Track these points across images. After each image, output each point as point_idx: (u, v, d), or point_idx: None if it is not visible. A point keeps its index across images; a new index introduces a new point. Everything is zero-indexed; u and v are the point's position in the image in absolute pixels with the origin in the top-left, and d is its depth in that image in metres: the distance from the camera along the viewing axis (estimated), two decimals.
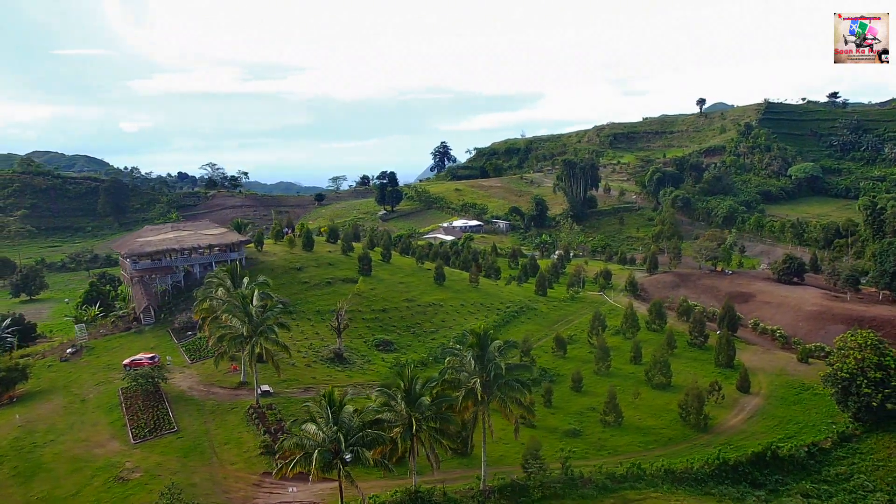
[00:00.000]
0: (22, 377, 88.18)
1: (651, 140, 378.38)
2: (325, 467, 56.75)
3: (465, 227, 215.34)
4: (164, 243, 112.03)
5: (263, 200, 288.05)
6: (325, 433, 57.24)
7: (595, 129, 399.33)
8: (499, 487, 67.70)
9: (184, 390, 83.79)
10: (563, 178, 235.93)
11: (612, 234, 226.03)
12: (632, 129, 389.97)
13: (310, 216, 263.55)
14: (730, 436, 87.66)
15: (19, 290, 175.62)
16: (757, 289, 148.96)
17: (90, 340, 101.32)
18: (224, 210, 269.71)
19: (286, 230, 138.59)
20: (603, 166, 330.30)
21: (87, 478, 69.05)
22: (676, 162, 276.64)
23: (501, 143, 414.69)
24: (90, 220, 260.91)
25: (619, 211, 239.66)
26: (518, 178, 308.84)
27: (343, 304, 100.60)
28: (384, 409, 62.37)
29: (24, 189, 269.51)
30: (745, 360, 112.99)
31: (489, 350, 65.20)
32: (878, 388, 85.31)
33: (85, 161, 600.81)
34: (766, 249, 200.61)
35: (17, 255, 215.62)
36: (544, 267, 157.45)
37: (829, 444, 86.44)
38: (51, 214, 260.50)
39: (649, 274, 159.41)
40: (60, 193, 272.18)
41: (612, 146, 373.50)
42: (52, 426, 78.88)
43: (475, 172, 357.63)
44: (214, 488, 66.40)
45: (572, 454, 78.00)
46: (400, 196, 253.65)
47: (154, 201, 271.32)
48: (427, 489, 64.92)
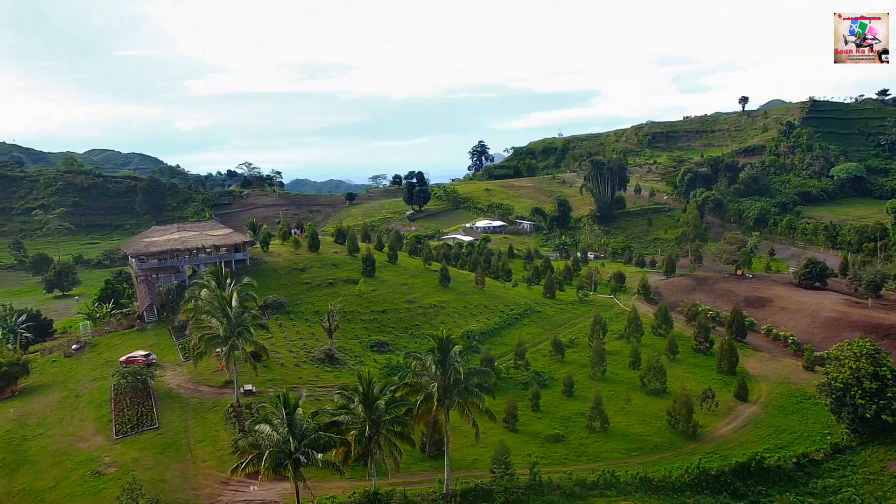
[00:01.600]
0: (23, 372, 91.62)
1: (691, 139, 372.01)
2: (276, 468, 57.76)
3: (488, 228, 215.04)
4: (168, 243, 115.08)
5: (296, 199, 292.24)
6: (279, 434, 58.26)
7: (633, 128, 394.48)
8: (462, 492, 67.82)
9: (172, 388, 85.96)
10: (591, 178, 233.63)
11: (639, 235, 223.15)
12: (671, 128, 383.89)
13: (340, 216, 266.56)
14: (718, 444, 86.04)
15: (52, 286, 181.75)
16: (775, 294, 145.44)
17: (94, 337, 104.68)
18: (257, 209, 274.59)
19: (295, 231, 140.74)
20: (639, 166, 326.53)
21: (67, 471, 71.51)
22: (711, 162, 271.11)
23: (539, 143, 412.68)
24: (129, 217, 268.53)
25: (648, 212, 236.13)
26: (550, 178, 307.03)
27: (335, 305, 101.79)
28: (341, 412, 63.11)
29: (66, 187, 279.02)
30: (749, 366, 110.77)
31: (450, 355, 65.35)
32: (872, 399, 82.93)
33: (140, 159, 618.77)
34: (796, 252, 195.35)
35: (57, 252, 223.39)
36: (559, 269, 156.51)
37: (821, 456, 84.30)
38: (91, 212, 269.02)
39: (666, 277, 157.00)
40: (101, 192, 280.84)
41: (650, 146, 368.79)
42: (44, 420, 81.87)
43: (511, 172, 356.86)
44: (183, 485, 68.09)
45: (540, 460, 76.99)
46: (427, 196, 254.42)
47: (190, 200, 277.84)
48: (386, 492, 65.44)
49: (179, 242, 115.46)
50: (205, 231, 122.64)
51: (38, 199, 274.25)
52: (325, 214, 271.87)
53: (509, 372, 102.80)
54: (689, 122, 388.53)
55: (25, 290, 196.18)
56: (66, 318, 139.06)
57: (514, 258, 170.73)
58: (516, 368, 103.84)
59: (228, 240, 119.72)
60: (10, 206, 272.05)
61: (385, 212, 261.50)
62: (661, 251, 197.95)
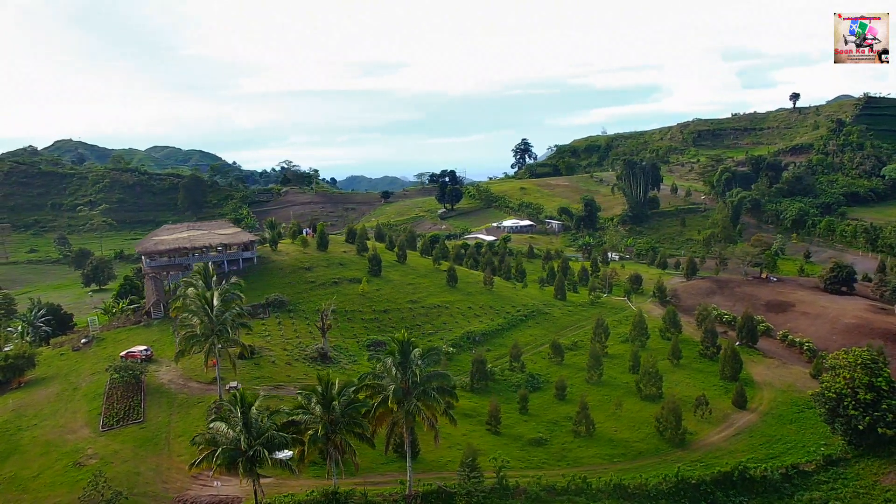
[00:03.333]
0: (29, 364, 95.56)
1: (738, 137, 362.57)
2: (229, 465, 59.18)
3: (515, 228, 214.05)
4: (176, 242, 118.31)
5: (332, 197, 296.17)
6: (234, 432, 59.60)
7: (679, 125, 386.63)
8: (424, 493, 68.19)
9: (163, 383, 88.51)
10: (623, 178, 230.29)
11: (671, 236, 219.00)
12: (718, 125, 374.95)
13: (373, 213, 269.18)
14: (705, 453, 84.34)
15: (90, 280, 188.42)
16: (798, 298, 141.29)
17: (102, 332, 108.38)
18: (294, 206, 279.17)
19: (307, 231, 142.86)
20: (681, 164, 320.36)
21: (52, 461, 74.47)
22: (752, 161, 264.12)
23: (582, 141, 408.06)
24: (171, 214, 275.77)
25: (682, 212, 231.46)
26: (588, 176, 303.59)
27: (329, 304, 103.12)
28: (298, 412, 64.13)
29: (113, 185, 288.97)
30: (755, 373, 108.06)
31: (410, 357, 65.71)
32: (866, 411, 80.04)
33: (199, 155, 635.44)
34: (834, 255, 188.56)
35: (100, 247, 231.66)
36: (576, 270, 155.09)
37: (812, 467, 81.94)
38: (136, 209, 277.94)
39: (686, 279, 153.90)
40: (145, 189, 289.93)
41: (695, 143, 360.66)
42: (40, 411, 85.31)
43: (551, 170, 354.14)
44: (155, 478, 70.22)
45: (518, 464, 77.19)
46: (459, 194, 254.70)
47: (229, 197, 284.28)
48: (346, 491, 66.24)
49: (187, 241, 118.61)
50: (213, 230, 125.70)
51: (87, 196, 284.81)
52: (359, 212, 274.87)
53: (504, 374, 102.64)
54: (736, 120, 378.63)
55: (66, 283, 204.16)
56: (91, 312, 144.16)
57: (534, 258, 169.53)
58: (511, 370, 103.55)
59: (236, 238, 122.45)
60: (60, 203, 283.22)
61: (418, 210, 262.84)
62: (695, 253, 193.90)
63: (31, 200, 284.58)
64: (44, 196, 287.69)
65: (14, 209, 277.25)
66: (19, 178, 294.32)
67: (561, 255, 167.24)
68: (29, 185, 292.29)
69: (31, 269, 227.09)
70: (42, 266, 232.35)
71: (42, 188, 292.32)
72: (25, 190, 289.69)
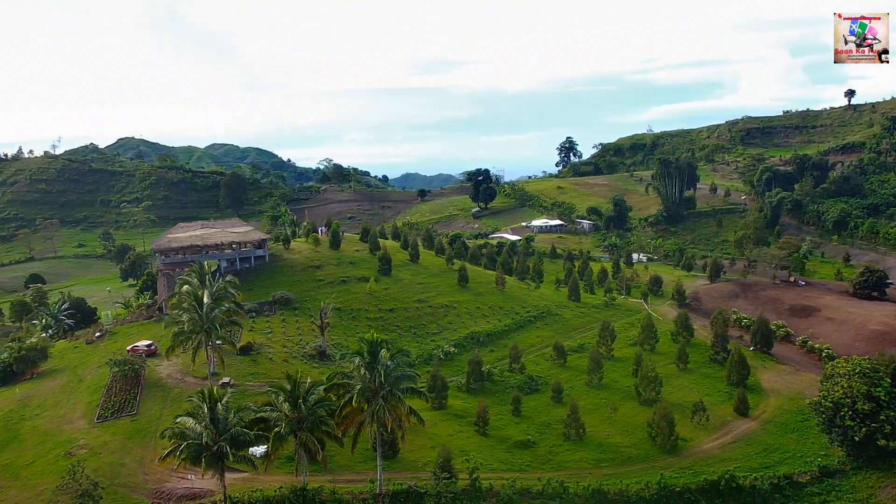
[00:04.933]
0: (42, 356, 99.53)
1: (789, 135, 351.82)
2: (194, 459, 60.71)
3: (545, 227, 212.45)
4: (189, 240, 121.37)
5: (369, 195, 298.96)
6: (200, 427, 61.11)
7: (728, 123, 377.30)
8: (394, 492, 68.64)
9: (162, 377, 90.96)
10: (658, 177, 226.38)
11: (707, 237, 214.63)
12: (768, 123, 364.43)
13: (409, 212, 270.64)
14: (696, 460, 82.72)
15: (127, 275, 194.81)
16: (824, 303, 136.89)
17: (115, 326, 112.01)
18: (332, 204, 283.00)
19: (322, 229, 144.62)
20: (726, 164, 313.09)
21: (46, 450, 77.61)
22: (797, 160, 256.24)
23: (627, 139, 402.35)
24: (213, 211, 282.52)
25: (719, 213, 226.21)
26: (628, 175, 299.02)
27: (328, 302, 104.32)
28: (266, 409, 65.28)
29: (159, 182, 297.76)
30: (764, 379, 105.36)
31: (379, 358, 66.19)
32: (863, 421, 77.24)
33: (256, 153, 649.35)
34: (876, 259, 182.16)
35: (142, 243, 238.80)
36: (597, 271, 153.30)
37: (807, 479, 79.60)
38: (179, 206, 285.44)
39: (710, 282, 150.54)
40: (189, 186, 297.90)
41: (743, 142, 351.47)
42: (44, 402, 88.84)
43: (593, 169, 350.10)
44: (138, 469, 72.45)
45: (480, 466, 75.58)
46: (493, 193, 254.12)
47: (269, 195, 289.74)
48: (315, 488, 67.11)
49: (200, 239, 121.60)
50: (227, 228, 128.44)
51: (134, 193, 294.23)
52: (395, 210, 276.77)
53: (503, 375, 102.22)
54: (788, 117, 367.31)
55: (107, 278, 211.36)
56: (116, 308, 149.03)
57: (557, 258, 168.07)
58: (511, 372, 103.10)
59: (248, 237, 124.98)
60: (109, 199, 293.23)
61: (453, 208, 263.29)
62: (728, 255, 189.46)
63: (82, 197, 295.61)
64: (94, 193, 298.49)
65: (65, 205, 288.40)
66: (71, 176, 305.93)
67: (582, 256, 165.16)
68: (80, 182, 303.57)
69: (76, 264, 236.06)
70: (87, 261, 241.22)
71: (92, 185, 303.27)
72: (77, 187, 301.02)
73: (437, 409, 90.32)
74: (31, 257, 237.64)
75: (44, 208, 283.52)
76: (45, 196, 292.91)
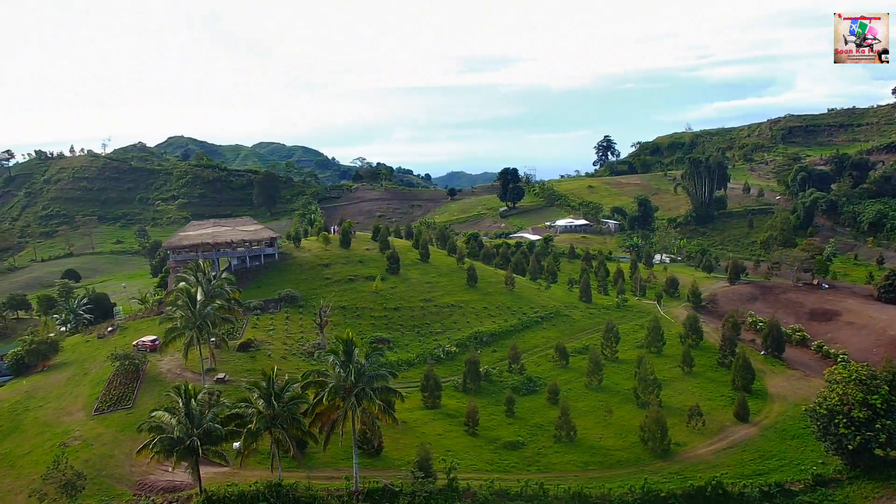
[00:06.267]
0: (52, 350, 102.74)
1: (834, 134, 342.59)
2: (167, 453, 62.15)
3: (569, 227, 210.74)
4: (200, 238, 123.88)
5: (399, 194, 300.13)
6: (174, 422, 62.52)
7: (769, 122, 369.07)
8: (369, 490, 69.04)
9: (161, 372, 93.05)
10: (687, 177, 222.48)
11: (737, 238, 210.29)
12: (812, 121, 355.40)
13: (437, 211, 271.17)
14: (687, 465, 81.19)
15: (157, 271, 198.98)
16: (846, 307, 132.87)
17: (126, 322, 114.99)
18: (363, 203, 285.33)
19: (334, 228, 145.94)
20: (765, 163, 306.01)
21: (44, 441, 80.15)
22: (836, 159, 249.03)
23: (665, 138, 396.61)
24: (247, 209, 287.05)
25: (751, 213, 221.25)
26: (662, 175, 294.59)
27: (328, 300, 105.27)
28: (241, 406, 66.36)
29: (195, 180, 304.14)
30: (771, 384, 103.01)
31: (354, 356, 66.72)
32: (858, 429, 74.95)
33: (302, 151, 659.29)
34: None
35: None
36: (613, 271, 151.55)
37: (800, 487, 77.51)
38: (214, 203, 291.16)
39: (729, 284, 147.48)
40: (225, 184, 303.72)
41: (784, 140, 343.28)
42: (48, 394, 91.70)
43: (628, 168, 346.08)
44: (125, 461, 74.30)
45: (457, 466, 75.33)
46: (521, 192, 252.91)
47: (301, 193, 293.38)
48: (290, 483, 67.93)
49: (210, 237, 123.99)
50: (237, 227, 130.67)
51: (171, 191, 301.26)
52: (425, 209, 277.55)
53: (502, 376, 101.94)
54: (832, 115, 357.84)
55: (140, 273, 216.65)
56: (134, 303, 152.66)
57: (575, 258, 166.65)
58: (510, 372, 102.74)
59: (258, 235, 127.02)
60: (147, 197, 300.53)
61: (481, 207, 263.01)
62: (757, 256, 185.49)
63: (122, 195, 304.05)
64: (133, 191, 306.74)
65: (105, 203, 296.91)
66: (112, 174, 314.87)
67: (600, 256, 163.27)
68: (120, 181, 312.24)
69: (112, 260, 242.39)
70: (123, 256, 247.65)
71: (132, 183, 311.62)
72: (117, 185, 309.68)
73: (430, 409, 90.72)
74: (69, 253, 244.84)
75: (85, 205, 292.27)
76: (87, 193, 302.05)
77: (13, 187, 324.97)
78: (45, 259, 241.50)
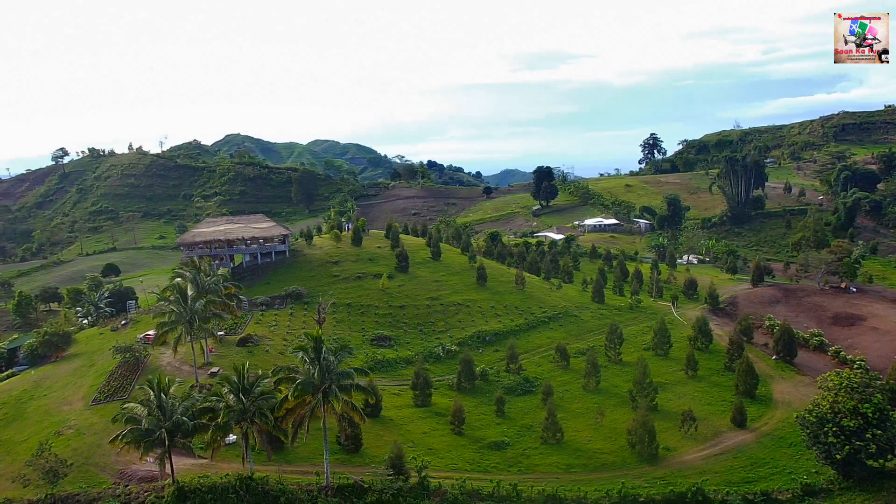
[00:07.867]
0: (65, 342, 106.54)
1: (890, 131, 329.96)
2: (137, 444, 63.92)
3: (598, 226, 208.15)
4: (212, 235, 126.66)
5: (435, 192, 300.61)
6: (144, 414, 64.33)
7: (821, 119, 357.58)
8: (339, 486, 69.67)
9: (161, 365, 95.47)
10: (723, 175, 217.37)
11: (773, 239, 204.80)
12: (867, 118, 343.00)
13: (472, 209, 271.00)
14: (674, 471, 79.72)
15: None
16: (872, 311, 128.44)
17: (139, 315, 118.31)
18: (398, 201, 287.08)
19: (347, 225, 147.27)
20: (813, 161, 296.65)
21: (42, 429, 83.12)
22: (884, 158, 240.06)
23: (713, 136, 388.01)
24: (286, 206, 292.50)
25: (790, 214, 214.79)
26: (703, 174, 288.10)
27: (327, 297, 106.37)
28: (213, 399, 67.74)
29: (236, 177, 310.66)
30: (776, 390, 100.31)
31: (322, 354, 67.44)
32: (847, 439, 72.33)
33: (356, 149, 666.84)
34: None
35: None
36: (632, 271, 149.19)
37: (787, 497, 75.28)
38: (255, 200, 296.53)
39: (752, 286, 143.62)
40: (265, 182, 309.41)
41: (836, 138, 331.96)
42: (54, 384, 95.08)
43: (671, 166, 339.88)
44: (111, 451, 76.28)
45: (428, 464, 74.86)
46: (554, 191, 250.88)
47: (338, 191, 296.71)
48: (261, 477, 68.92)
49: (222, 234, 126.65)
50: (250, 224, 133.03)
51: (213, 188, 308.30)
52: (460, 207, 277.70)
53: (499, 375, 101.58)
54: (889, 112, 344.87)
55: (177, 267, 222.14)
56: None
57: (597, 258, 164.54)
58: (507, 372, 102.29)
59: (269, 232, 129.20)
60: (191, 193, 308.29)
61: (515, 206, 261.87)
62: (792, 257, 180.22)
63: (167, 191, 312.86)
64: (178, 187, 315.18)
65: (151, 199, 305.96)
66: (158, 171, 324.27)
67: (621, 256, 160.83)
68: (166, 178, 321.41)
69: (153, 255, 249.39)
70: (164, 252, 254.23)
71: (177, 180, 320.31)
72: (162, 182, 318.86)
73: (420, 407, 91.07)
74: (113, 247, 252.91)
75: (132, 202, 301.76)
76: (134, 190, 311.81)
77: (66, 184, 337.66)
78: (90, 253, 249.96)
